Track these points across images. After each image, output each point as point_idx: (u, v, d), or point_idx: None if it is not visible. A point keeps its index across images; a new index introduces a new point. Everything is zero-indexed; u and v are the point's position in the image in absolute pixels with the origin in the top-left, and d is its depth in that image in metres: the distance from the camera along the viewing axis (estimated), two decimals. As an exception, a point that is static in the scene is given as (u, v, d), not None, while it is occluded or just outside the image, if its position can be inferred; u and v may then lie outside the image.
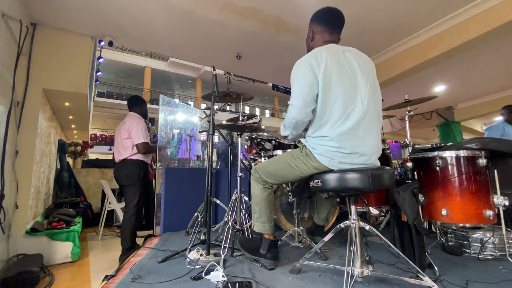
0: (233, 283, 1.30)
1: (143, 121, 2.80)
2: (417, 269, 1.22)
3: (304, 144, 1.46)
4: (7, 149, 2.24)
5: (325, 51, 1.38)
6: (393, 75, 4.02)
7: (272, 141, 2.25)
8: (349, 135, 1.32)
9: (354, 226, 1.30)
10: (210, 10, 2.95)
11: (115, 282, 1.46)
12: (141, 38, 3.57)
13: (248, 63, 4.37)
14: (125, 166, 2.64)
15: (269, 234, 1.62)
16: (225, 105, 10.88)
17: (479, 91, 6.16)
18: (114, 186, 4.74)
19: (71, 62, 3.16)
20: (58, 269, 2.62)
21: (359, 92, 1.35)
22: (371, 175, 1.24)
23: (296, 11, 2.98)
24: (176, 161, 3.49)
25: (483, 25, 2.94)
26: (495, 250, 1.73)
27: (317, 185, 1.38)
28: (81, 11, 2.87)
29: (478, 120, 9.31)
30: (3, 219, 2.17)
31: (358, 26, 3.31)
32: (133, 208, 2.58)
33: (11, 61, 2.35)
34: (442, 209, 1.69)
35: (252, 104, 22.09)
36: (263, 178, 1.60)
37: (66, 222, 3.15)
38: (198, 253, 1.69)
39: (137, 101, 2.89)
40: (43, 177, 3.57)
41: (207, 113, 2.41)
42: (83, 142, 7.47)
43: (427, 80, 5.21)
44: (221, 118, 3.23)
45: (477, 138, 1.81)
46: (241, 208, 2.10)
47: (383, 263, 1.61)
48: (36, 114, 2.90)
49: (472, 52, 3.88)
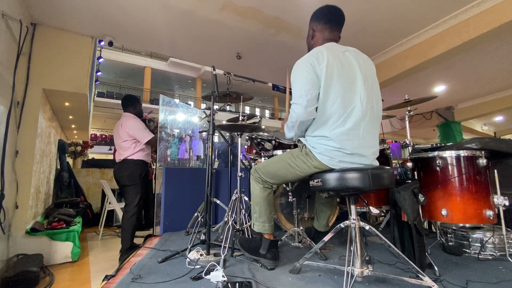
0: (233, 283, 1.30)
1: (138, 120, 2.80)
2: (417, 269, 1.22)
3: (303, 143, 1.46)
4: (7, 149, 2.24)
5: (326, 50, 1.38)
6: (393, 75, 4.02)
7: (272, 141, 2.25)
8: (349, 136, 1.32)
9: (354, 226, 1.30)
10: (210, 10, 2.95)
11: (115, 282, 1.46)
12: (141, 38, 3.57)
13: (248, 63, 4.37)
14: (126, 166, 2.65)
15: (269, 234, 1.62)
16: (225, 105, 10.88)
17: (479, 91, 6.16)
18: (114, 186, 4.73)
19: (71, 62, 3.16)
20: (58, 269, 2.61)
21: (358, 92, 1.35)
22: (371, 175, 1.24)
23: (296, 11, 2.98)
24: (176, 161, 3.49)
25: (483, 25, 2.94)
26: (495, 250, 1.73)
27: (317, 184, 1.38)
28: (81, 11, 2.88)
29: (478, 120, 9.31)
30: (3, 219, 2.17)
31: (358, 26, 3.31)
32: (134, 207, 2.59)
33: (11, 61, 2.35)
34: (442, 209, 1.69)
35: (252, 104, 22.09)
36: (263, 178, 1.60)
37: (66, 222, 3.15)
38: (198, 253, 1.69)
39: (131, 101, 2.88)
40: (43, 177, 3.57)
41: (207, 113, 2.41)
42: (83, 142, 7.46)
43: (427, 80, 5.21)
44: (221, 118, 3.22)
45: (477, 138, 1.81)
46: (241, 208, 2.10)
47: (383, 263, 1.61)
48: (36, 114, 2.90)
49: (472, 52, 3.88)
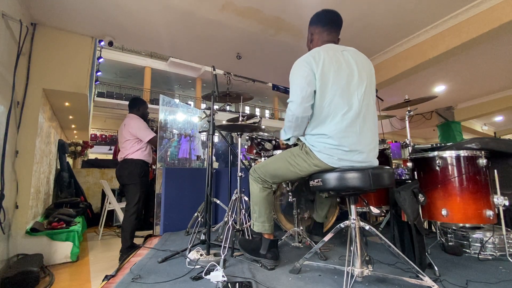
0: (233, 283, 1.30)
1: (141, 120, 2.87)
2: (417, 269, 1.22)
3: (303, 142, 1.47)
4: (7, 149, 2.24)
5: (323, 50, 1.40)
6: (393, 75, 4.02)
7: (272, 141, 2.25)
8: (347, 133, 1.33)
9: (354, 226, 1.30)
10: (210, 10, 2.95)
11: (115, 282, 1.46)
12: (141, 38, 3.57)
13: (248, 63, 4.37)
14: (126, 165, 2.69)
15: (269, 234, 1.62)
16: (225, 105, 10.86)
17: (479, 91, 6.15)
18: (114, 186, 4.74)
19: (71, 62, 3.16)
20: (58, 269, 2.61)
21: (355, 91, 1.37)
22: (371, 174, 1.24)
23: (296, 11, 2.98)
24: (176, 161, 3.49)
25: (483, 25, 2.94)
26: (495, 250, 1.73)
27: (317, 184, 1.38)
28: (81, 11, 2.88)
29: (478, 120, 9.31)
30: (3, 219, 2.17)
31: (358, 26, 3.31)
32: (134, 207, 2.61)
33: (11, 61, 2.35)
34: (442, 209, 1.69)
35: (252, 104, 22.09)
36: (262, 178, 1.60)
37: (66, 222, 3.15)
38: (198, 253, 1.69)
39: (135, 103, 2.95)
40: (43, 177, 3.57)
41: (207, 113, 2.40)
42: (83, 142, 7.45)
43: (427, 80, 5.21)
44: (221, 118, 3.21)
45: (477, 138, 1.81)
46: (241, 208, 2.10)
47: (383, 263, 1.61)
48: (36, 114, 2.90)
49: (473, 52, 3.87)
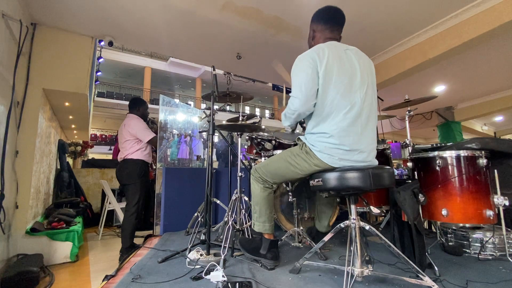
0: (233, 283, 1.30)
1: (141, 120, 2.87)
2: (417, 269, 1.22)
3: (303, 141, 1.46)
4: (7, 149, 2.24)
5: (327, 47, 1.39)
6: (393, 75, 4.01)
7: (272, 141, 2.25)
8: (348, 132, 1.33)
9: (354, 226, 1.30)
10: (210, 10, 2.95)
11: (115, 282, 1.46)
12: (141, 38, 3.57)
13: (248, 63, 4.37)
14: (126, 165, 2.70)
15: (269, 234, 1.62)
16: (225, 105, 10.86)
17: (479, 91, 6.16)
18: (114, 186, 4.74)
19: (71, 62, 3.16)
20: (58, 269, 2.61)
21: (358, 90, 1.37)
22: (372, 174, 1.24)
23: (296, 11, 2.98)
24: (176, 161, 3.49)
25: (483, 25, 2.94)
26: (495, 250, 1.73)
27: (317, 184, 1.38)
28: (81, 11, 2.88)
29: (478, 120, 9.32)
30: (3, 219, 2.17)
31: (358, 26, 3.31)
32: (134, 207, 2.61)
33: (11, 61, 2.35)
34: (442, 209, 1.69)
35: (252, 104, 22.08)
36: (263, 178, 1.60)
37: (66, 222, 3.15)
38: (198, 253, 1.69)
39: (135, 103, 2.95)
40: (43, 177, 3.57)
41: (207, 113, 2.40)
42: (83, 142, 7.46)
43: (427, 80, 5.21)
44: (221, 118, 3.22)
45: (477, 138, 1.81)
46: (241, 208, 2.10)
47: (383, 263, 1.61)
48: (36, 114, 2.90)
49: (472, 52, 3.87)
